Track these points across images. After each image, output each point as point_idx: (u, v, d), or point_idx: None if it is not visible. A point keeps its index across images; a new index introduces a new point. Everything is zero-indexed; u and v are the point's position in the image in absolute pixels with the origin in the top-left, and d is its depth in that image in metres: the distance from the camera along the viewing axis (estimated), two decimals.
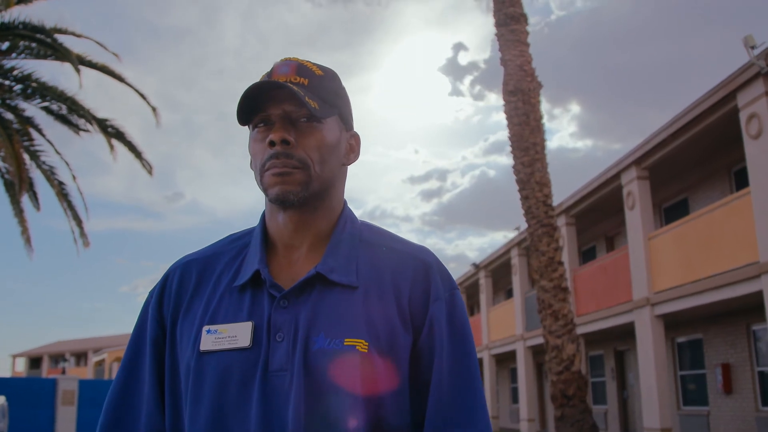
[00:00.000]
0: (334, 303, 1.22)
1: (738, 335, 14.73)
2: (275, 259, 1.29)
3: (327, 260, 1.25)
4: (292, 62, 1.30)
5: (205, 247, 1.40)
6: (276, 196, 1.23)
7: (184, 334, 1.27)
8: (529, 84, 13.91)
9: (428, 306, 1.25)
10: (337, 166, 1.32)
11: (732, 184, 15.18)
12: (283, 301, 1.22)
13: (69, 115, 13.99)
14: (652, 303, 14.83)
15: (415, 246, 1.33)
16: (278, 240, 1.30)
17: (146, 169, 14.76)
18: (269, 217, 1.32)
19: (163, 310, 1.32)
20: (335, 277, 1.23)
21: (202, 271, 1.33)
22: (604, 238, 21.45)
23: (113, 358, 48.58)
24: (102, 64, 13.71)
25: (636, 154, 15.16)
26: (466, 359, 1.26)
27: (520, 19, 14.24)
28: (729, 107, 12.15)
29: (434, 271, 1.29)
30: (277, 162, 1.22)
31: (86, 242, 14.97)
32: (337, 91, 1.33)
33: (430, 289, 1.26)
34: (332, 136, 1.29)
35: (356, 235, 1.32)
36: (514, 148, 13.88)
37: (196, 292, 1.30)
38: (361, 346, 1.17)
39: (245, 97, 1.23)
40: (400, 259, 1.29)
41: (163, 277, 1.36)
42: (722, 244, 12.59)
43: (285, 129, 1.23)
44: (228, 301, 1.26)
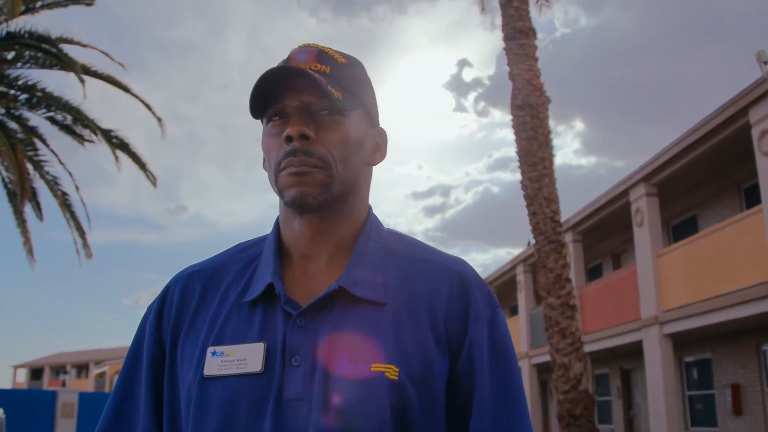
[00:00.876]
0: (359, 322, 1.06)
1: (748, 355, 14.50)
2: (290, 271, 1.13)
3: (350, 273, 1.09)
4: (312, 48, 1.14)
5: (210, 258, 1.23)
6: (293, 198, 1.07)
7: (185, 356, 1.11)
8: (537, 99, 13.78)
9: (467, 326, 1.09)
10: (362, 166, 1.16)
11: (742, 201, 15.01)
12: (300, 319, 1.06)
13: (74, 126, 13.88)
14: (660, 321, 14.62)
15: (450, 257, 1.17)
16: (294, 249, 1.14)
17: (150, 180, 14.63)
18: (284, 223, 1.17)
19: (162, 327, 1.16)
20: (360, 292, 1.07)
21: (207, 284, 1.17)
22: (610, 256, 21.25)
23: (114, 371, 48.32)
24: (107, 75, 13.61)
25: (645, 171, 15.00)
26: (511, 388, 1.09)
27: (528, 33, 14.13)
28: (740, 123, 12.00)
29: (473, 286, 1.13)
30: (295, 160, 1.07)
31: (89, 253, 14.82)
32: (362, 82, 1.18)
33: (469, 306, 1.10)
34: (357, 131, 1.13)
35: (383, 245, 1.16)
36: (522, 163, 13.73)
37: (200, 307, 1.14)
38: (391, 373, 1.02)
39: (259, 85, 1.08)
40: (434, 273, 1.13)
41: (162, 291, 1.20)
42: (733, 262, 12.40)
43: (304, 122, 1.08)
44: (236, 318, 1.10)
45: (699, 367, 16.52)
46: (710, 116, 12.56)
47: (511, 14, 14.17)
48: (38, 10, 13.16)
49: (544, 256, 13.21)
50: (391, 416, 1.00)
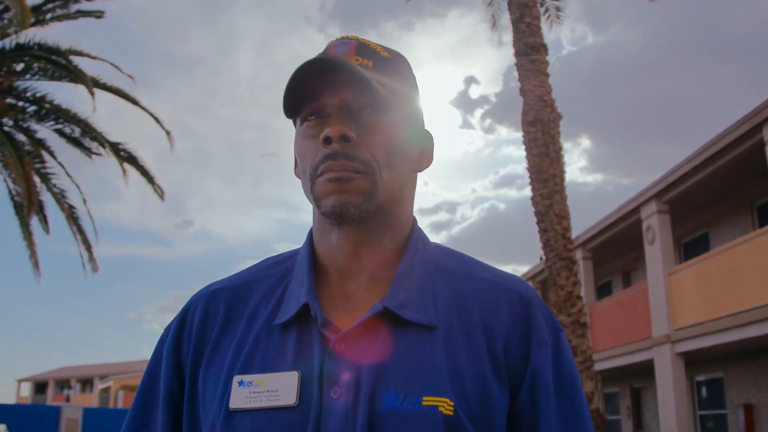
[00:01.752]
0: (408, 349, 0.93)
1: (761, 374, 14.29)
2: (327, 290, 1.01)
3: (396, 292, 0.96)
4: (352, 40, 1.02)
5: (235, 274, 1.10)
6: (332, 208, 0.95)
7: (208, 386, 0.98)
8: (548, 115, 13.68)
9: (530, 354, 0.96)
10: (408, 172, 1.04)
11: (755, 219, 14.83)
12: (340, 344, 0.93)
13: (82, 138, 13.80)
14: (672, 340, 14.43)
15: (508, 275, 1.04)
16: (331, 265, 1.02)
17: (158, 194, 14.54)
18: (319, 236, 1.04)
19: (181, 353, 1.03)
20: (408, 315, 0.95)
21: (233, 304, 1.04)
22: (620, 273, 21.06)
23: (119, 386, 48.09)
24: (116, 88, 13.55)
25: (656, 188, 14.86)
26: (579, 422, 0.96)
27: (540, 49, 14.05)
28: (754, 140, 11.86)
29: (536, 308, 1.00)
30: (334, 164, 0.95)
31: (95, 267, 14.70)
32: (408, 78, 1.06)
33: (531, 331, 0.98)
34: (403, 133, 1.02)
35: (431, 261, 1.03)
36: (533, 179, 13.60)
37: (225, 330, 1.01)
38: (445, 407, 0.89)
39: (294, 80, 0.95)
40: (490, 292, 1.00)
41: (182, 311, 1.07)
42: (747, 280, 12.23)
43: (344, 122, 0.96)
44: (266, 343, 0.98)
45: (711, 387, 16.29)
46: (723, 133, 12.43)
47: (523, 30, 14.09)
48: (48, 22, 13.13)
49: (555, 273, 13.06)
50: None
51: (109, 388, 50.45)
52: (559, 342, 1.00)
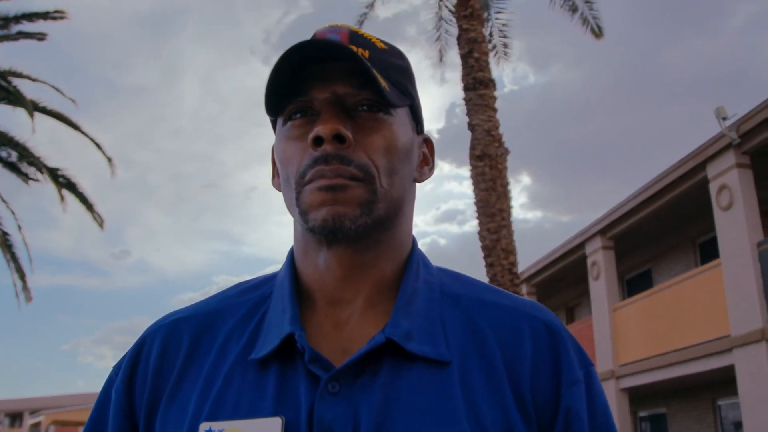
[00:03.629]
0: (417, 388, 0.77)
1: (704, 410, 14.41)
2: (314, 320, 0.84)
3: (399, 320, 0.81)
4: (343, 28, 0.87)
5: (200, 301, 0.93)
6: (323, 222, 0.79)
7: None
8: (496, 149, 13.73)
9: (561, 391, 0.81)
10: (409, 182, 0.88)
11: (697, 256, 15.07)
12: (334, 384, 0.76)
13: (19, 163, 13.37)
14: (617, 376, 14.48)
15: (527, 302, 0.89)
16: (318, 291, 0.85)
17: (97, 221, 14.12)
18: (303, 257, 0.87)
19: (134, 395, 0.85)
20: (415, 347, 0.79)
21: (198, 336, 0.86)
22: (564, 309, 21.19)
23: (51, 421, 46.45)
24: (57, 112, 13.18)
25: (601, 224, 15.01)
26: None
27: (488, 84, 14.16)
28: (698, 178, 12.06)
29: (564, 339, 0.85)
30: (326, 169, 0.78)
31: (29, 297, 14.16)
32: (408, 73, 0.90)
33: (560, 366, 0.83)
34: (405, 135, 0.86)
35: (436, 285, 0.88)
36: (480, 214, 13.60)
37: (188, 367, 0.84)
38: None
39: (279, 69, 0.78)
40: (510, 321, 0.85)
41: (135, 345, 0.88)
42: (691, 316, 12.36)
43: (338, 120, 0.79)
44: (240, 382, 0.80)
45: (654, 422, 16.38)
46: (668, 170, 12.62)
47: (472, 65, 14.17)
48: None
49: None
50: None
51: (40, 423, 48.70)
52: (591, 377, 0.86)
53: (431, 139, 0.97)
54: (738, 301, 10.93)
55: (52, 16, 12.96)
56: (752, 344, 10.56)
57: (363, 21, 15.87)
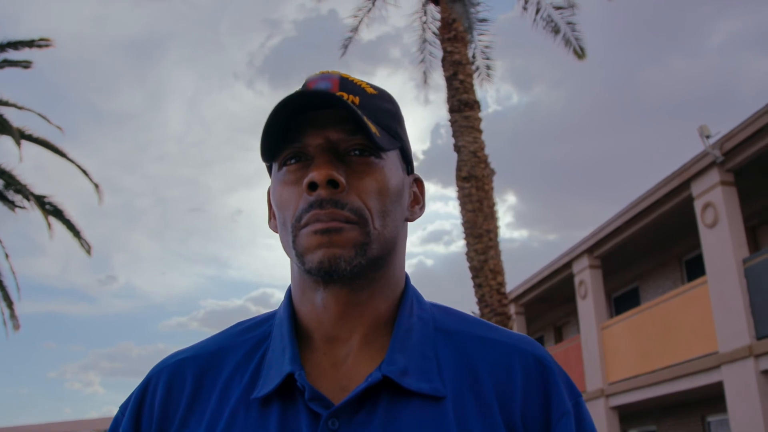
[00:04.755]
0: (413, 423, 0.81)
1: (693, 427, 14.44)
2: (313, 358, 0.88)
3: (395, 357, 0.84)
4: (333, 75, 0.91)
5: (202, 341, 0.96)
6: (319, 263, 0.82)
7: None
8: (482, 170, 13.81)
9: (550, 423, 0.85)
10: (401, 222, 0.91)
11: (683, 273, 15.16)
12: (333, 421, 0.80)
13: (5, 191, 13.34)
14: (606, 394, 14.49)
15: (518, 336, 0.92)
16: (316, 330, 0.89)
17: (85, 248, 14.08)
18: (300, 297, 0.91)
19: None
20: (411, 384, 0.82)
21: (201, 376, 0.90)
22: (552, 328, 21.22)
23: None
24: (43, 139, 13.18)
25: (588, 243, 15.08)
26: None
27: (473, 105, 14.25)
28: (683, 196, 12.17)
29: (554, 372, 0.89)
30: (321, 213, 0.82)
31: (16, 325, 14.08)
32: (397, 117, 0.95)
33: (550, 398, 0.86)
34: (396, 177, 0.90)
35: (429, 321, 0.91)
36: (467, 235, 13.64)
37: (193, 406, 0.87)
38: None
39: (274, 118, 0.82)
40: (501, 355, 0.88)
41: (141, 386, 0.92)
42: (679, 334, 12.41)
43: (332, 165, 0.83)
44: (244, 421, 0.84)
45: None
46: (653, 189, 12.73)
47: (457, 87, 14.27)
48: None
49: None
50: None
51: None
52: (579, 408, 0.89)
53: (421, 179, 1.01)
54: (725, 317, 11.00)
55: (38, 44, 12.98)
56: (740, 360, 10.62)
57: (348, 45, 15.98)
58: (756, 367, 10.32)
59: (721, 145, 10.79)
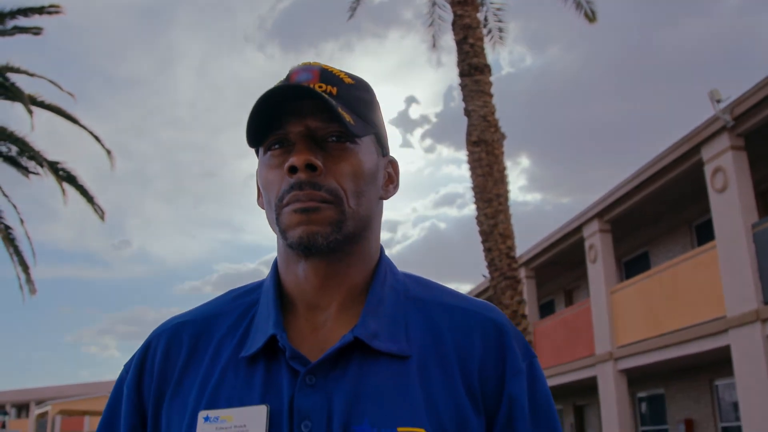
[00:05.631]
0: (381, 379, 0.91)
1: (701, 390, 14.58)
2: (295, 322, 0.98)
3: (367, 322, 0.94)
4: (314, 67, 1.00)
5: (198, 307, 1.07)
6: (299, 239, 0.92)
7: (172, 424, 0.94)
8: (492, 135, 13.81)
9: (505, 381, 0.95)
10: (375, 200, 1.01)
11: (693, 238, 15.19)
12: (310, 377, 0.90)
13: (19, 157, 13.47)
14: (615, 357, 14.63)
15: (480, 303, 1.02)
16: (298, 297, 0.99)
17: (98, 214, 14.24)
18: (285, 268, 1.01)
19: (142, 389, 0.99)
20: (380, 345, 0.92)
21: (196, 338, 1.00)
22: (562, 292, 21.33)
23: (57, 411, 46.74)
24: (55, 106, 13.27)
25: (598, 207, 15.11)
26: None
27: (484, 69, 14.20)
28: (693, 161, 12.16)
29: (509, 334, 0.99)
30: (301, 194, 0.92)
31: (33, 289, 14.31)
32: (372, 104, 1.04)
33: (506, 358, 0.96)
34: (370, 160, 0.99)
35: (401, 290, 1.02)
36: (477, 199, 13.69)
37: (189, 365, 0.98)
38: None
39: (258, 108, 0.92)
40: (464, 320, 0.98)
41: (142, 346, 1.03)
42: (688, 298, 12.49)
43: (310, 151, 0.93)
44: (233, 377, 0.94)
45: (652, 403, 16.57)
46: (663, 154, 12.72)
47: (467, 51, 14.23)
48: None
49: (499, 292, 13.14)
50: None
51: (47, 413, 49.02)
52: (533, 368, 0.99)
53: (396, 161, 1.10)
54: (733, 282, 11.06)
55: (48, 10, 13.02)
56: (747, 325, 10.70)
57: (356, 7, 15.92)
58: (763, 332, 10.40)
59: (731, 110, 10.76)
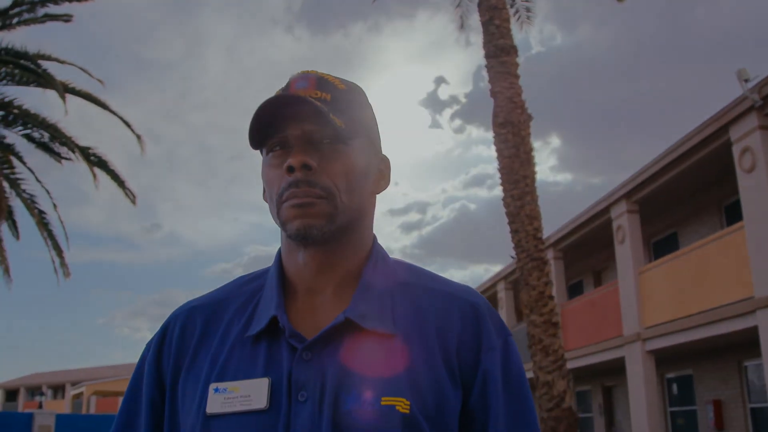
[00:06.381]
0: (368, 354, 1.02)
1: (730, 371, 14.54)
2: (295, 305, 1.09)
3: (357, 304, 1.06)
4: (311, 75, 1.11)
5: (210, 292, 1.20)
6: (296, 231, 1.04)
7: (186, 394, 1.06)
8: (519, 116, 13.79)
9: (480, 356, 1.06)
10: (367, 195, 1.13)
11: (722, 218, 15.08)
12: (306, 353, 1.02)
13: (51, 143, 13.72)
14: (642, 338, 14.63)
15: (460, 287, 1.14)
16: (298, 282, 1.11)
17: (129, 198, 14.46)
18: (287, 256, 1.13)
19: (161, 365, 1.12)
20: (368, 324, 1.04)
21: (208, 320, 1.13)
22: (591, 273, 21.28)
23: (92, 392, 47.70)
24: (86, 92, 13.48)
25: (626, 188, 15.06)
26: (525, 421, 1.07)
27: (510, 51, 14.16)
28: (721, 141, 12.08)
29: (485, 316, 1.10)
30: (298, 191, 1.04)
31: (67, 272, 14.61)
32: (364, 108, 1.15)
33: (481, 336, 1.08)
34: (361, 159, 1.10)
35: (390, 275, 1.13)
36: (504, 181, 13.71)
37: (201, 343, 1.10)
38: (402, 406, 0.98)
39: (258, 115, 1.04)
40: (445, 303, 1.10)
41: (162, 328, 1.17)
42: (715, 278, 12.44)
43: (306, 152, 1.05)
44: (239, 354, 1.06)
45: (681, 384, 16.55)
46: (691, 134, 12.63)
47: (493, 32, 14.20)
48: (15, 26, 13.02)
49: (526, 273, 13.18)
50: None
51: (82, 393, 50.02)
52: (507, 345, 1.10)
53: (387, 159, 1.21)
54: (761, 262, 11.00)
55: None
56: None
57: None
58: None
59: (759, 89, 10.66)
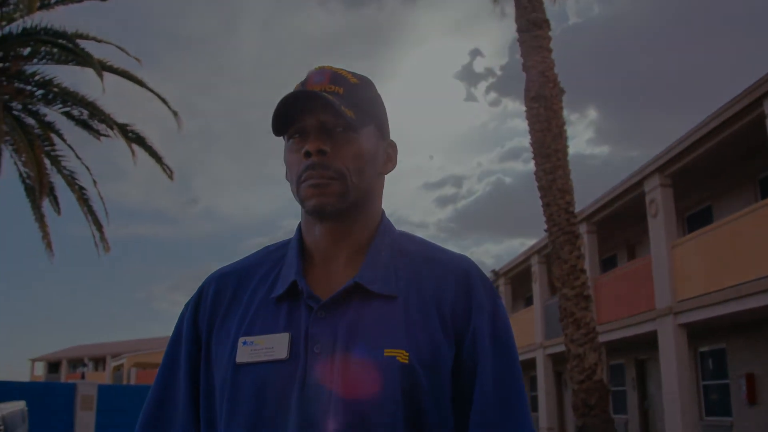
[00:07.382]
0: (374, 313, 1.19)
1: (763, 345, 14.50)
2: (313, 271, 1.26)
3: (365, 270, 1.22)
4: (327, 70, 1.28)
5: (240, 260, 1.38)
6: (313, 207, 1.21)
7: (219, 347, 1.24)
8: (551, 90, 13.77)
9: (471, 317, 1.22)
10: (375, 176, 1.30)
11: (757, 192, 14.97)
12: (321, 312, 1.18)
13: (90, 120, 14.03)
14: (675, 312, 14.64)
15: (455, 255, 1.30)
16: (315, 252, 1.28)
17: (167, 173, 14.76)
18: (306, 229, 1.30)
19: (198, 322, 1.30)
20: (374, 287, 1.20)
21: (238, 284, 1.31)
22: (625, 246, 21.24)
23: (132, 364, 48.73)
24: (123, 70, 13.74)
25: (659, 162, 15.00)
26: (510, 372, 1.22)
27: (542, 24, 14.11)
28: (755, 114, 11.98)
29: (476, 281, 1.25)
30: (314, 173, 1.20)
31: (107, 247, 14.98)
32: (373, 100, 1.31)
33: (472, 299, 1.23)
34: (369, 145, 1.27)
35: (395, 245, 1.29)
36: (536, 155, 13.73)
37: (232, 304, 1.28)
38: (402, 357, 1.14)
39: (280, 108, 1.21)
40: (441, 269, 1.26)
41: (198, 290, 1.35)
42: (748, 252, 12.40)
43: (321, 139, 1.21)
44: (264, 312, 1.23)
45: (714, 357, 16.53)
46: (724, 107, 12.54)
47: (525, 6, 14.15)
48: (53, 6, 13.29)
49: (558, 247, 13.23)
50: (402, 396, 1.12)
51: (122, 365, 51.12)
52: (495, 307, 1.25)
53: (394, 143, 1.38)
54: None
55: None
56: None
57: None
58: None
59: None
